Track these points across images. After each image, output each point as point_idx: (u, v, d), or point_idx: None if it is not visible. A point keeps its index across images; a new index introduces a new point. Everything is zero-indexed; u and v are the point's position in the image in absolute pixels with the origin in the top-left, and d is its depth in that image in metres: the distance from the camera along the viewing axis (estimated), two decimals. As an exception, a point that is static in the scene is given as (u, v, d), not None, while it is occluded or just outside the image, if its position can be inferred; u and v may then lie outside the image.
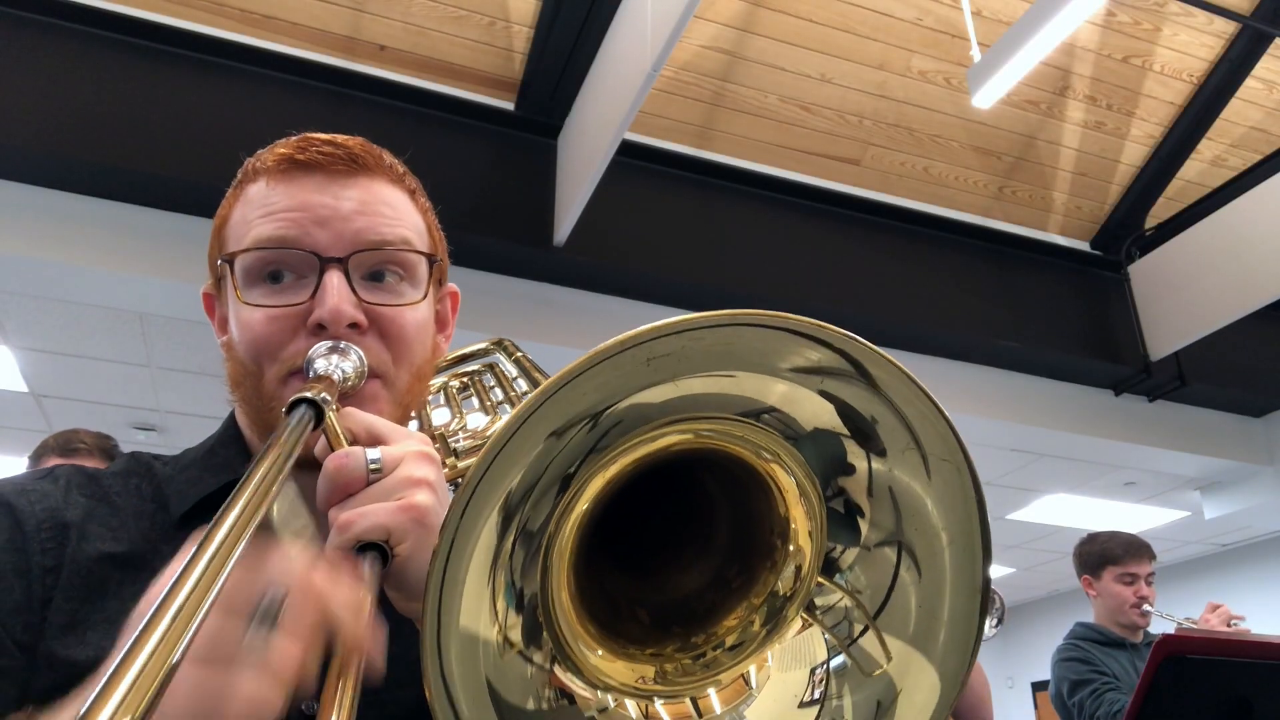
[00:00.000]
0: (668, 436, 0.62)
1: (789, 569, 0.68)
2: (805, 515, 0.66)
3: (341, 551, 0.58)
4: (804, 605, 0.67)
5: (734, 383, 0.59)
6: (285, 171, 0.79)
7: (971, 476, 0.61)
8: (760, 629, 0.68)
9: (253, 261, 0.77)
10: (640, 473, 0.64)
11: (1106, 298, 5.24)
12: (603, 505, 0.63)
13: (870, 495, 0.63)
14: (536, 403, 0.52)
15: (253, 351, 0.77)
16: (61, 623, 0.68)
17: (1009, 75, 3.47)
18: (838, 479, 0.65)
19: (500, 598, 0.57)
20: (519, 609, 0.59)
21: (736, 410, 0.62)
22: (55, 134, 3.38)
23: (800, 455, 0.64)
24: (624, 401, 0.58)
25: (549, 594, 0.62)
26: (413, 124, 4.03)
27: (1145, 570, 3.13)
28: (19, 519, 0.72)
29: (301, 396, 0.63)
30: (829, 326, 0.55)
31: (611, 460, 0.61)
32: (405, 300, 0.80)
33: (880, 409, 0.60)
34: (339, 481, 0.61)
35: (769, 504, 0.68)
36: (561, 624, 0.63)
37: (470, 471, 0.51)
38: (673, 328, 0.53)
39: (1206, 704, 1.75)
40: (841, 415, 0.61)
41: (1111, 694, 2.80)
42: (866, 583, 0.65)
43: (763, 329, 0.55)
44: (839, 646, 0.65)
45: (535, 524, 0.59)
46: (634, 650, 0.67)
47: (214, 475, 0.79)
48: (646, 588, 0.73)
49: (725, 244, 4.41)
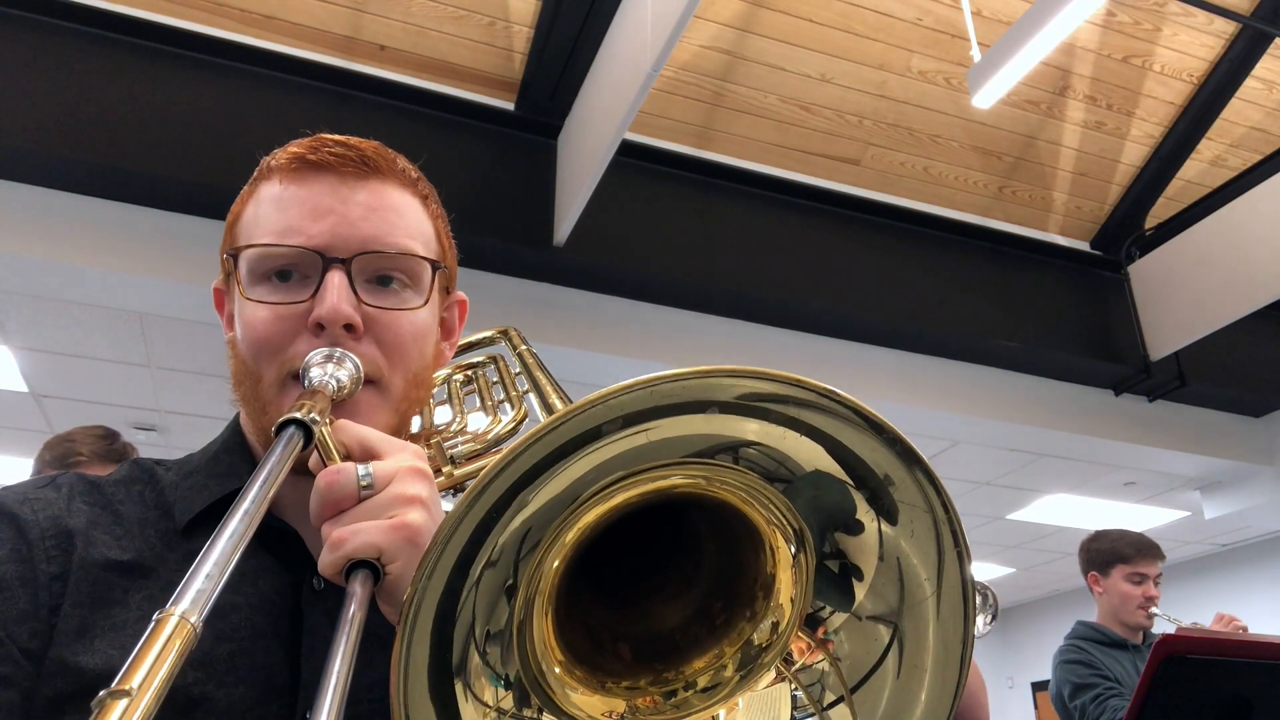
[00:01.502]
0: (654, 482, 0.61)
1: (767, 622, 0.66)
2: (792, 581, 0.65)
3: (334, 568, 0.59)
4: (780, 657, 0.66)
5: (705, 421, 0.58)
6: (297, 170, 0.79)
7: (964, 592, 0.58)
8: (734, 674, 0.67)
9: (257, 258, 0.77)
10: (626, 513, 0.63)
11: (1106, 298, 5.24)
12: (582, 546, 0.62)
13: (881, 560, 0.61)
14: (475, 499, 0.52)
15: (253, 350, 0.77)
16: (71, 629, 0.68)
17: (1009, 75, 3.47)
18: (837, 534, 0.62)
19: (486, 691, 0.58)
20: (507, 687, 0.60)
21: (705, 449, 0.60)
22: (55, 134, 3.38)
23: (790, 501, 0.62)
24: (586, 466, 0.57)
25: (531, 661, 0.62)
26: (413, 124, 4.03)
27: (1154, 571, 3.12)
28: (22, 528, 0.72)
29: (290, 417, 0.63)
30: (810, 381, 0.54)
31: (585, 511, 0.60)
32: (406, 305, 0.80)
33: (897, 470, 0.57)
34: (330, 498, 0.61)
35: (756, 557, 0.66)
36: (548, 677, 0.63)
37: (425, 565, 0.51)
38: (644, 384, 0.52)
39: (1206, 704, 1.75)
40: (844, 464, 0.59)
41: (1115, 700, 2.78)
42: (849, 652, 0.63)
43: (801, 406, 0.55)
44: (810, 709, 0.64)
45: (498, 625, 0.59)
46: (610, 684, 0.66)
47: (218, 483, 0.79)
48: (628, 618, 0.72)
49: (725, 244, 4.41)
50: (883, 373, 4.77)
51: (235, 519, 0.52)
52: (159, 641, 0.42)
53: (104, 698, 0.39)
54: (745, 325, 4.55)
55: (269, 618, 0.73)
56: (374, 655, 0.67)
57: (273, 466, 0.58)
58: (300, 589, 0.75)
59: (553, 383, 0.89)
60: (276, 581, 0.75)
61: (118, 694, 0.39)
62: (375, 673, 0.68)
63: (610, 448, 0.56)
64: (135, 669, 0.40)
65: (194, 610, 0.44)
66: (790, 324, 4.60)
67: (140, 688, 0.39)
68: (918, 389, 4.81)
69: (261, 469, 0.57)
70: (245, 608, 0.72)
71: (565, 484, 0.56)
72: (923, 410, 4.80)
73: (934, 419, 4.91)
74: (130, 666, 0.40)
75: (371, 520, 0.60)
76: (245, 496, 0.54)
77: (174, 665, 0.41)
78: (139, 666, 0.40)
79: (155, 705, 0.40)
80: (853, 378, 4.67)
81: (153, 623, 0.43)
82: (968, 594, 0.58)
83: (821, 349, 4.68)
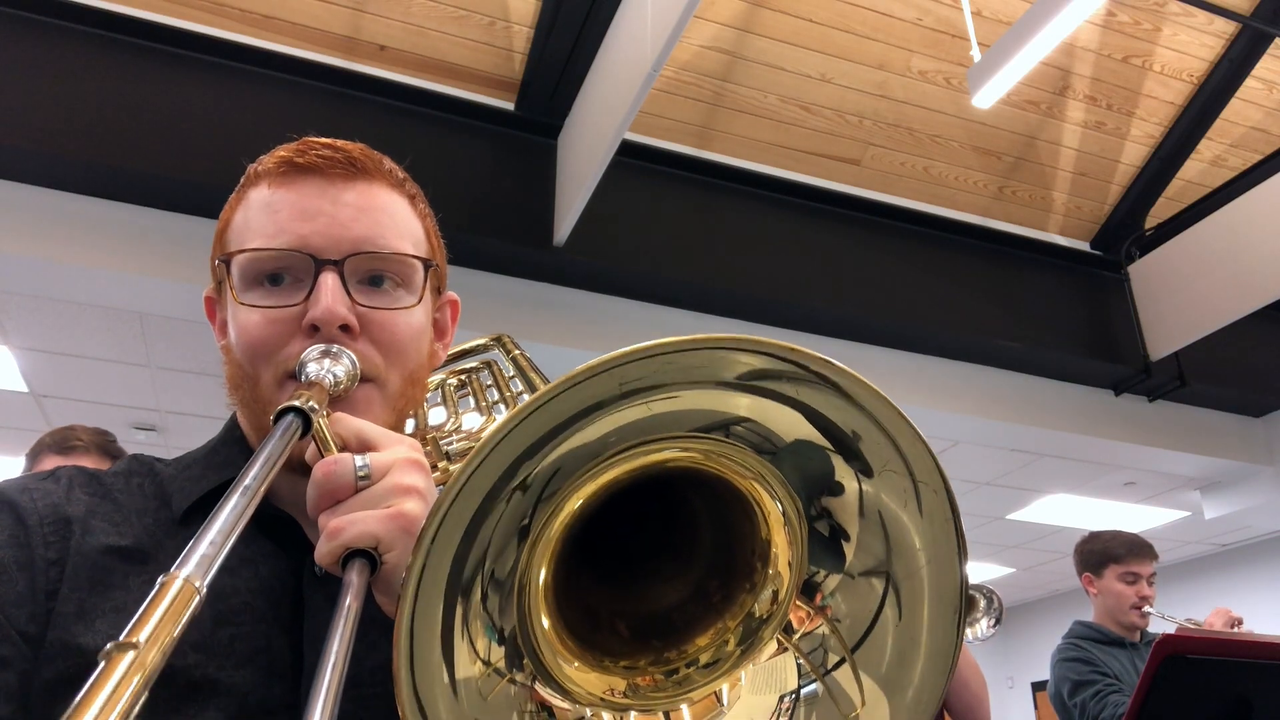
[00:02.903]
0: (647, 455, 0.62)
1: (766, 592, 0.67)
2: (787, 542, 0.65)
3: (331, 557, 0.59)
4: (780, 628, 0.66)
5: (691, 398, 0.59)
6: (285, 175, 0.79)
7: (953, 511, 0.59)
8: (735, 648, 0.67)
9: (249, 263, 0.78)
10: (622, 488, 0.63)
11: (1106, 298, 5.24)
12: (583, 520, 0.63)
13: (862, 517, 0.62)
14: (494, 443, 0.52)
15: (249, 354, 0.77)
16: (71, 611, 0.69)
17: (1009, 75, 3.47)
18: (822, 498, 0.63)
19: (480, 638, 0.58)
20: (500, 642, 0.60)
21: (699, 425, 0.61)
22: (55, 134, 3.39)
23: (779, 472, 0.63)
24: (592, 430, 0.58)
25: (528, 621, 0.62)
26: (413, 124, 4.03)
27: (1147, 570, 3.14)
28: (21, 514, 0.73)
29: (289, 405, 0.63)
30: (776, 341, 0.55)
31: (583, 483, 0.61)
32: (399, 305, 0.80)
33: (862, 423, 0.58)
34: (327, 488, 0.62)
35: (751, 525, 0.67)
36: (541, 644, 0.63)
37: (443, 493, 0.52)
38: (643, 352, 0.53)
39: (1206, 704, 1.75)
40: (820, 428, 0.60)
41: (1115, 696, 2.79)
42: (847, 611, 0.64)
43: (718, 350, 0.55)
44: (812, 675, 0.64)
45: (503, 570, 0.59)
46: (608, 662, 0.67)
47: (216, 472, 0.80)
48: (627, 598, 0.72)
49: (725, 244, 4.41)
50: (883, 373, 4.76)
51: (236, 494, 0.53)
52: (164, 601, 0.42)
53: (111, 650, 0.39)
54: (745, 325, 4.55)
55: (269, 602, 0.73)
56: (376, 639, 0.68)
57: (271, 449, 0.59)
58: (301, 574, 0.75)
59: (547, 383, 0.89)
60: (276, 567, 0.75)
61: (124, 646, 0.39)
62: (378, 656, 0.69)
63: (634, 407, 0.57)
64: (142, 625, 0.41)
65: (198, 574, 0.44)
66: (790, 324, 4.59)
67: (147, 642, 0.40)
68: (918, 389, 4.81)
69: (260, 453, 0.58)
70: (245, 592, 0.73)
71: (596, 434, 0.57)
72: (923, 410, 4.80)
73: (934, 419, 4.91)
74: (136, 623, 0.41)
75: (368, 510, 0.61)
76: (246, 475, 0.55)
77: (178, 623, 0.42)
78: (145, 623, 0.41)
79: (161, 660, 0.40)
80: (853, 378, 4.67)
81: (157, 585, 0.43)
82: (953, 508, 0.59)
83: (821, 349, 4.57)
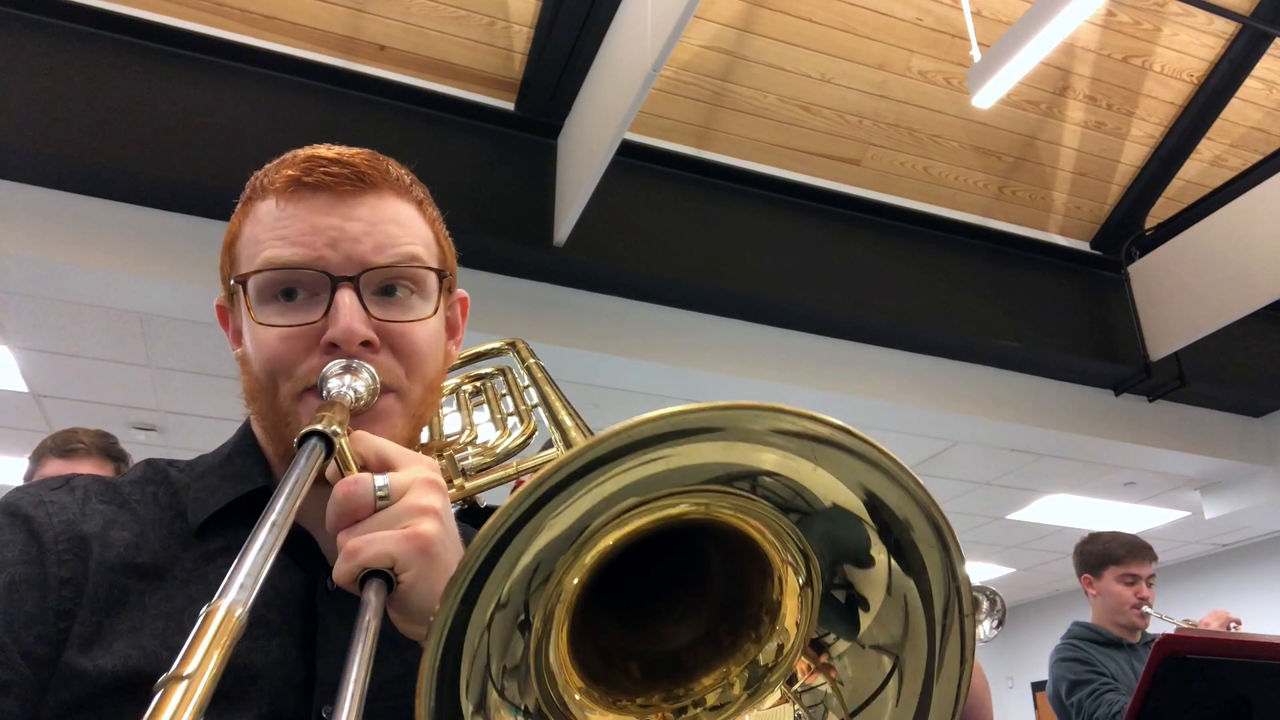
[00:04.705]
0: (666, 510, 0.63)
1: (772, 645, 0.68)
2: (798, 607, 0.67)
3: (348, 577, 0.60)
4: (785, 678, 0.68)
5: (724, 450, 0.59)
6: (294, 192, 0.80)
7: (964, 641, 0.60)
8: (741, 692, 0.69)
9: (265, 282, 0.78)
10: (642, 537, 0.64)
11: (1106, 298, 5.24)
12: (600, 570, 0.64)
13: (889, 594, 0.63)
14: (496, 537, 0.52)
15: (267, 369, 0.78)
16: (86, 634, 0.69)
17: (1009, 75, 3.47)
18: (846, 565, 0.64)
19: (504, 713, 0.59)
20: (526, 716, 0.61)
21: (718, 476, 0.61)
22: (55, 134, 3.39)
23: (802, 532, 0.64)
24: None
25: (551, 688, 0.63)
26: (412, 124, 4.03)
27: (1146, 571, 3.14)
28: (35, 531, 0.72)
29: (312, 430, 0.65)
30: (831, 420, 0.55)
31: (598, 539, 0.61)
32: (416, 315, 0.81)
33: (914, 514, 0.59)
34: (347, 508, 0.63)
35: (764, 582, 0.68)
36: (570, 706, 0.64)
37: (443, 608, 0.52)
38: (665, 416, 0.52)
39: (1206, 704, 1.75)
40: (866, 503, 0.61)
41: (1111, 694, 2.81)
42: (853, 676, 0.65)
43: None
44: None
45: (514, 659, 0.60)
46: (624, 701, 0.68)
47: (232, 485, 0.80)
48: (639, 637, 0.74)
49: (725, 244, 4.41)
50: (883, 373, 4.76)
51: (265, 530, 0.54)
52: (210, 631, 0.44)
53: (164, 681, 0.41)
54: (745, 325, 4.55)
55: (283, 615, 0.74)
56: (385, 653, 0.69)
57: (298, 477, 0.60)
58: (314, 589, 0.76)
59: (561, 397, 0.91)
60: (291, 580, 0.76)
61: (176, 679, 0.41)
62: (388, 671, 0.70)
63: (621, 476, 0.57)
64: (190, 656, 0.43)
65: (239, 603, 0.47)
66: (790, 324, 4.59)
67: (196, 672, 0.42)
68: (918, 389, 4.81)
69: (287, 480, 0.59)
70: (260, 605, 0.73)
71: (574, 517, 0.57)
72: (923, 410, 4.80)
73: (934, 419, 4.91)
74: (185, 654, 0.43)
75: (386, 530, 0.62)
76: (273, 507, 0.56)
77: (225, 652, 0.44)
78: (193, 654, 0.43)
79: (211, 689, 0.42)
80: (853, 378, 4.68)
81: (201, 615, 0.46)
82: (966, 644, 0.60)
83: (822, 349, 4.68)
